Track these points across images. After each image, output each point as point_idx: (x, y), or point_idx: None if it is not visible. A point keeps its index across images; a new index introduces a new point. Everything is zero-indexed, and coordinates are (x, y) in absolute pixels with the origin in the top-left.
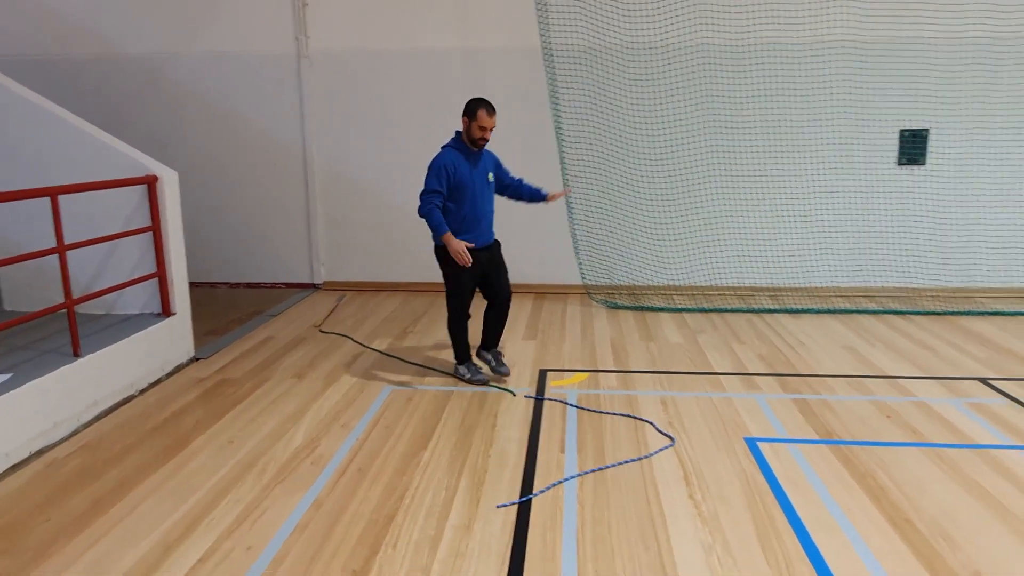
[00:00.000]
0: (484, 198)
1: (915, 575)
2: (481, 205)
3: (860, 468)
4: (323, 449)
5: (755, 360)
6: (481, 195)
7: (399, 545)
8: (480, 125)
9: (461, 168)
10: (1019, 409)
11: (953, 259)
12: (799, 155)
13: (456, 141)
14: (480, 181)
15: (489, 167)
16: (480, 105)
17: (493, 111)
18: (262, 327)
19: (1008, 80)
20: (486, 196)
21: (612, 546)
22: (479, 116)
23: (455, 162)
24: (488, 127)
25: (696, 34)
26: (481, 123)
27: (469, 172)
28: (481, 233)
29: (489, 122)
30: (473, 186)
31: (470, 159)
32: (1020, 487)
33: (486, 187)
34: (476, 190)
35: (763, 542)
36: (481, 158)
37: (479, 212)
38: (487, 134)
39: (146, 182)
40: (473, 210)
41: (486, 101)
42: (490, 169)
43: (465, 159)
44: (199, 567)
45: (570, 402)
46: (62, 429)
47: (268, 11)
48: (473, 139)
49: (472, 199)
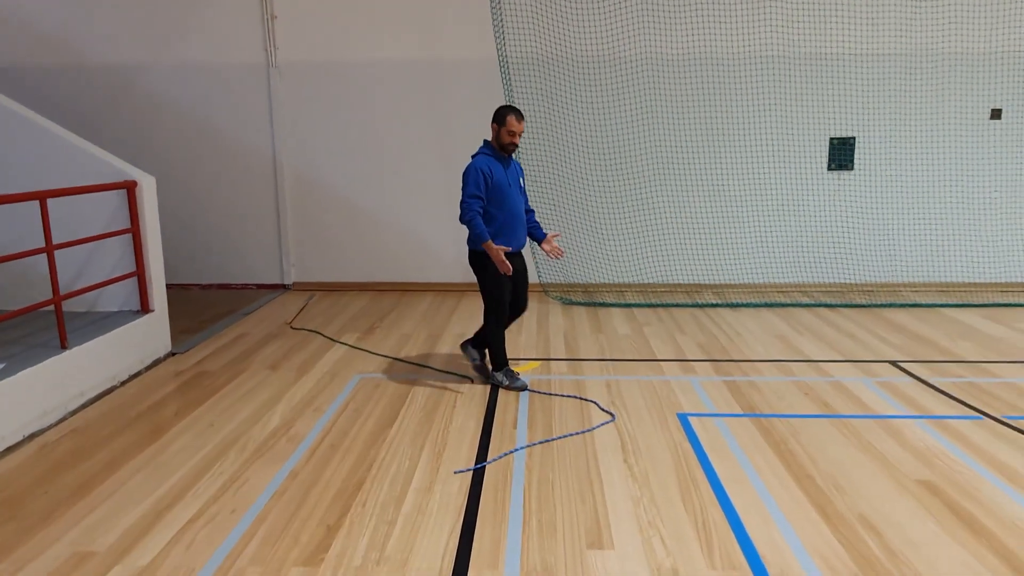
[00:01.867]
0: (518, 203)
1: (808, 517)
2: (517, 210)
3: (775, 436)
4: (297, 429)
5: (694, 348)
6: (515, 200)
7: (368, 504)
8: (509, 131)
9: (497, 172)
10: (920, 386)
11: (879, 256)
12: (739, 161)
13: (487, 147)
14: (514, 185)
15: (519, 173)
16: (509, 112)
17: (522, 117)
18: (235, 325)
19: (921, 91)
20: (519, 201)
21: (554, 501)
22: (508, 122)
23: (490, 166)
24: (517, 132)
25: (642, 47)
26: (510, 128)
27: (504, 175)
28: (517, 238)
29: (518, 127)
30: (509, 189)
31: (503, 164)
32: (906, 448)
33: (519, 192)
34: (512, 194)
35: (684, 495)
36: (513, 164)
37: (516, 217)
38: (516, 139)
39: (126, 187)
40: (511, 215)
41: (515, 108)
42: (520, 175)
43: (498, 163)
44: (188, 527)
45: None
46: (52, 416)
47: (238, 23)
48: (503, 144)
49: (510, 204)
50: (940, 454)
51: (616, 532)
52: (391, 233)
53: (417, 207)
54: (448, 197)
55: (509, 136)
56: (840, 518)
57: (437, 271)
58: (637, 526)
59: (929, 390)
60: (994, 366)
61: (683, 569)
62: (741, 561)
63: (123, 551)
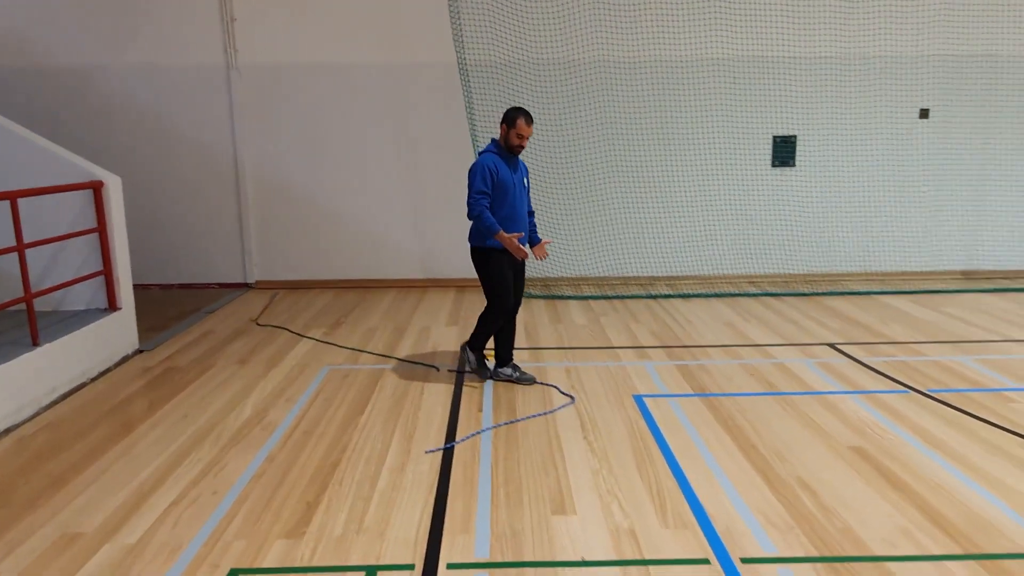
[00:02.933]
0: (521, 201)
1: (752, 482)
2: (519, 207)
3: (723, 413)
4: (271, 418)
5: (648, 335)
6: (519, 198)
7: (344, 483)
8: (518, 133)
9: (502, 170)
10: (855, 365)
11: (820, 247)
12: (689, 159)
13: (494, 146)
14: (518, 184)
15: (524, 173)
16: (519, 114)
17: (531, 120)
18: (201, 322)
19: (856, 93)
20: (523, 199)
21: (520, 475)
22: (518, 124)
23: (496, 164)
24: (525, 135)
25: (595, 52)
26: (519, 131)
27: (509, 175)
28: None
29: (527, 131)
30: (513, 188)
31: (508, 162)
32: (840, 419)
33: (523, 191)
34: (515, 192)
35: (639, 466)
36: (519, 164)
37: (517, 214)
38: (524, 142)
39: (93, 187)
40: (512, 212)
41: (525, 111)
42: (525, 175)
43: (504, 162)
44: (172, 508)
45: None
46: (26, 411)
47: (197, 25)
48: (511, 146)
49: (512, 201)
50: (870, 424)
51: (578, 500)
52: (352, 232)
53: (377, 206)
54: (407, 196)
55: (517, 139)
56: (780, 481)
57: (398, 268)
58: (597, 494)
59: (862, 369)
60: (921, 346)
61: (639, 529)
62: (691, 520)
63: (110, 531)
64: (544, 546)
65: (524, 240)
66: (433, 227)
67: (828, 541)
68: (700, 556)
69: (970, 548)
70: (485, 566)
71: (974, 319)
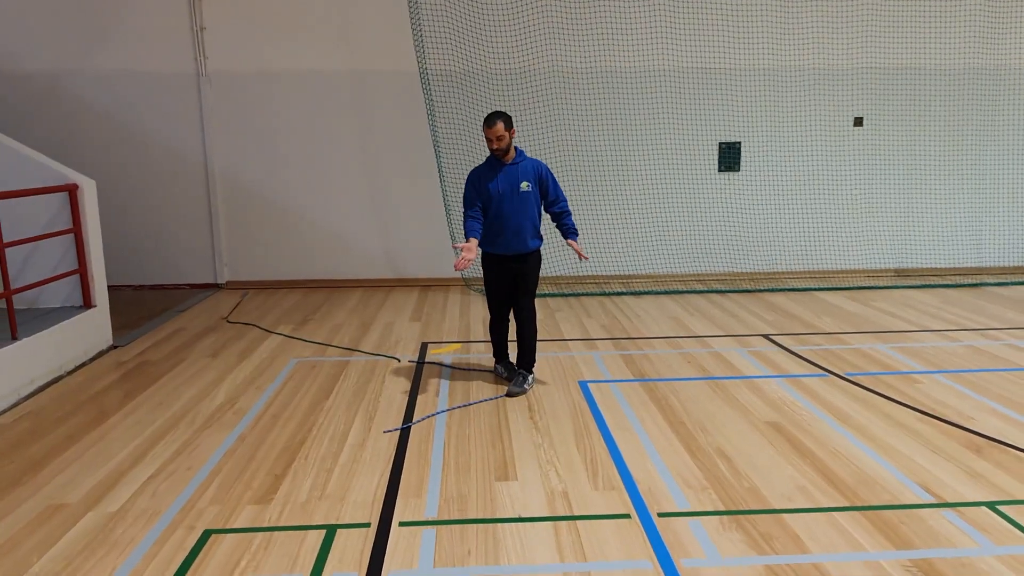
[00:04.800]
0: (511, 208)
1: (676, 451)
2: (506, 215)
3: (658, 394)
4: (241, 404)
5: (598, 329)
6: (507, 205)
7: (309, 458)
8: (487, 137)
9: (484, 179)
10: (784, 353)
11: (762, 247)
12: (640, 164)
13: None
14: (506, 191)
15: (524, 177)
16: (484, 120)
17: (487, 123)
18: (172, 320)
19: (795, 102)
20: (513, 206)
21: (469, 449)
22: (484, 129)
23: (479, 174)
24: (490, 137)
25: (551, 62)
26: (486, 135)
27: (494, 183)
28: (505, 242)
29: (489, 132)
30: (498, 196)
31: (495, 170)
32: (762, 399)
33: (514, 197)
34: (500, 200)
35: (578, 441)
36: (514, 170)
37: (503, 222)
38: (493, 144)
39: (67, 189)
40: (497, 219)
41: (491, 113)
42: (525, 179)
43: (489, 170)
44: (150, 481)
45: (445, 363)
46: (6, 401)
47: (167, 33)
48: (490, 151)
49: (496, 209)
50: (789, 403)
51: (520, 468)
52: (319, 233)
53: (343, 208)
54: (372, 199)
55: (487, 142)
56: (701, 451)
57: (364, 268)
58: (537, 463)
59: (790, 356)
60: (847, 336)
61: (572, 491)
62: (619, 484)
63: (93, 502)
64: (487, 506)
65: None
66: (397, 229)
67: (735, 498)
68: (623, 512)
69: (856, 501)
70: (434, 523)
71: (899, 312)
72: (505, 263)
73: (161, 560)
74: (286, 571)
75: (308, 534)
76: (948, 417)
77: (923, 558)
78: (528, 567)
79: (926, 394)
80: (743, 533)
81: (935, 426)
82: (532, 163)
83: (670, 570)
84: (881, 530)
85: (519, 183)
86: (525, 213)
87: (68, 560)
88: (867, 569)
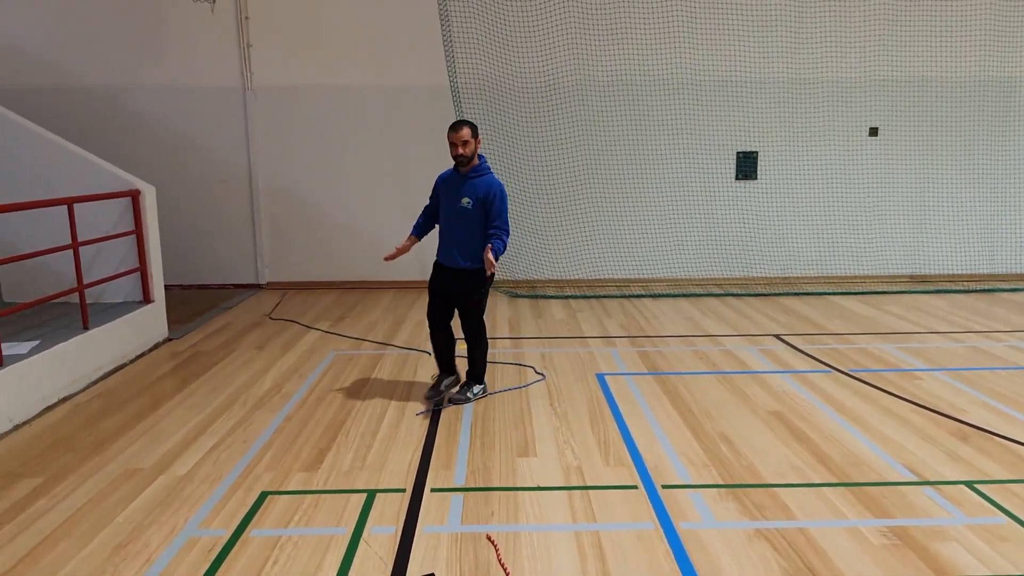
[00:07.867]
0: (453, 221)
1: (683, 435)
2: (447, 227)
3: (669, 386)
4: (287, 389)
5: (617, 328)
6: (447, 214)
7: (350, 435)
8: (450, 142)
9: (442, 183)
10: (792, 351)
11: (778, 253)
12: (660, 172)
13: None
14: (448, 201)
15: (469, 194)
16: (450, 126)
17: (452, 128)
18: (219, 316)
19: (812, 112)
20: (456, 220)
21: (494, 430)
22: (448, 135)
23: (442, 178)
24: (454, 142)
25: (576, 73)
26: (450, 140)
27: (445, 189)
28: (441, 251)
29: (454, 137)
30: (446, 207)
31: (453, 180)
32: (767, 391)
33: (454, 208)
34: (445, 208)
35: (593, 425)
36: (465, 183)
37: (445, 232)
38: (456, 150)
39: (131, 195)
40: (443, 228)
41: (454, 122)
42: (468, 196)
43: (450, 176)
44: (212, 451)
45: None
46: (80, 383)
47: (217, 50)
48: (452, 156)
49: (443, 218)
50: (791, 394)
51: (539, 447)
52: (355, 237)
53: (377, 214)
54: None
55: (451, 147)
56: (706, 435)
57: (396, 270)
58: (555, 443)
59: (798, 354)
60: (855, 336)
61: (585, 467)
62: (628, 461)
63: (164, 467)
64: (509, 477)
65: (452, 262)
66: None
67: (733, 474)
68: (630, 483)
69: (843, 478)
70: (462, 490)
71: (908, 315)
72: (440, 271)
73: (226, 513)
74: (333, 525)
75: (351, 497)
76: (941, 409)
77: (899, 525)
78: (544, 526)
79: (923, 389)
80: (738, 503)
81: (927, 416)
82: (486, 181)
83: (670, 531)
84: (863, 502)
85: (461, 198)
86: (460, 228)
87: (147, 512)
88: (847, 534)
